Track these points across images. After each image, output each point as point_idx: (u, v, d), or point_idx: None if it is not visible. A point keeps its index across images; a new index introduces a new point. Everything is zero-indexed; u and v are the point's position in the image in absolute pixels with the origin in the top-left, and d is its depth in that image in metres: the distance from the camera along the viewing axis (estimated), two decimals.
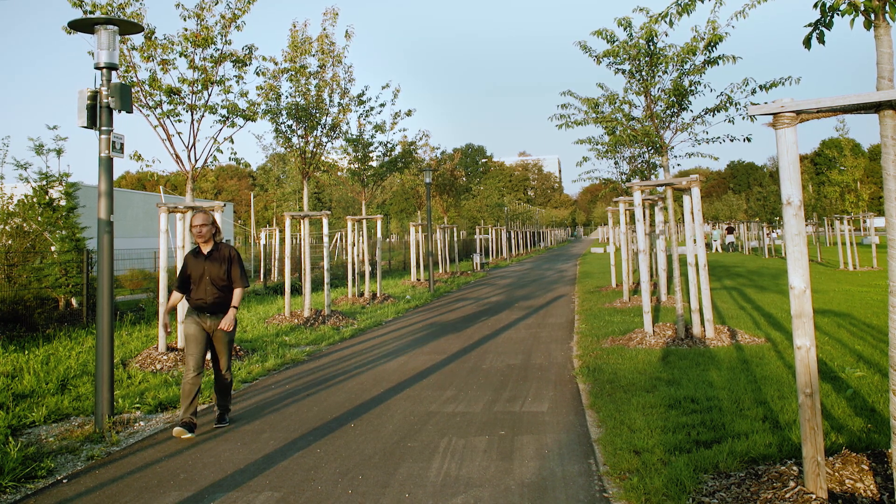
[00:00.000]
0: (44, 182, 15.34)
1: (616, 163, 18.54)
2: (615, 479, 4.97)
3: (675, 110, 11.71)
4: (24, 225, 15.17)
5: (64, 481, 5.36)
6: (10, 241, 15.03)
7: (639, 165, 17.71)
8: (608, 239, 30.81)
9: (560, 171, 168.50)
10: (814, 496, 3.95)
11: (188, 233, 10.49)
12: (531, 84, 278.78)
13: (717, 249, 47.40)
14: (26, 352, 10.60)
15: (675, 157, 21.27)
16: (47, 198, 15.34)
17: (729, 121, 11.59)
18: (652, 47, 11.31)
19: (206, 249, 6.66)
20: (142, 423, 6.97)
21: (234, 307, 6.62)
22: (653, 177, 16.42)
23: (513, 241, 53.20)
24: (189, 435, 6.37)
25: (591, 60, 12.05)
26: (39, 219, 15.18)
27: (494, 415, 6.92)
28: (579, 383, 8.22)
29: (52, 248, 15.05)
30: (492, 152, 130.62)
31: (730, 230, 50.67)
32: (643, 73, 11.63)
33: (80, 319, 14.08)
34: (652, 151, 15.37)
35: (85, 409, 7.45)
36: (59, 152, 15.71)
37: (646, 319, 10.90)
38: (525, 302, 18.25)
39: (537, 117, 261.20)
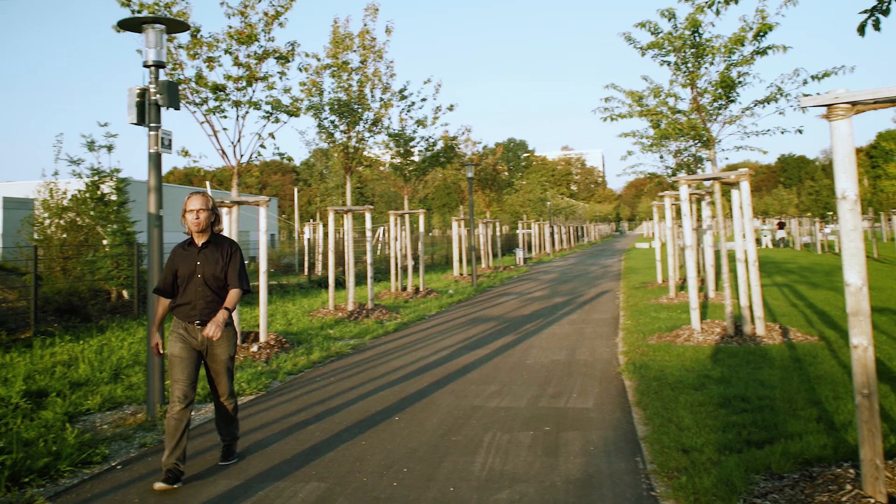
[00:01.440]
0: (96, 177, 15.72)
1: (661, 157, 18.21)
2: (663, 478, 4.89)
3: (723, 102, 11.45)
4: (78, 219, 15.58)
5: (118, 467, 5.50)
6: (64, 235, 15.47)
7: (685, 159, 17.37)
8: (653, 234, 30.39)
9: (604, 165, 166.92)
10: (872, 500, 3.83)
11: (234, 225, 10.63)
12: (574, 77, 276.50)
13: (767, 245, 46.40)
14: (81, 342, 10.89)
15: (723, 150, 20.74)
16: (99, 193, 15.73)
17: (779, 112, 11.30)
18: (697, 38, 11.07)
19: (200, 241, 5.28)
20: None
21: (227, 308, 5.16)
22: (699, 171, 16.12)
23: (556, 236, 52.84)
24: (175, 486, 4.92)
25: (636, 52, 11.87)
26: (92, 213, 15.57)
27: (539, 410, 6.87)
28: (625, 380, 8.12)
29: (104, 242, 15.44)
30: (534, 147, 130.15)
31: (780, 225, 49.54)
32: (689, 65, 11.40)
33: (132, 311, 14.43)
34: (699, 145, 15.06)
35: (137, 397, 7.63)
36: (109, 149, 16.07)
37: (693, 316, 10.71)
38: (569, 297, 18.11)
39: (580, 111, 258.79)
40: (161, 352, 5.30)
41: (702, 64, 11.29)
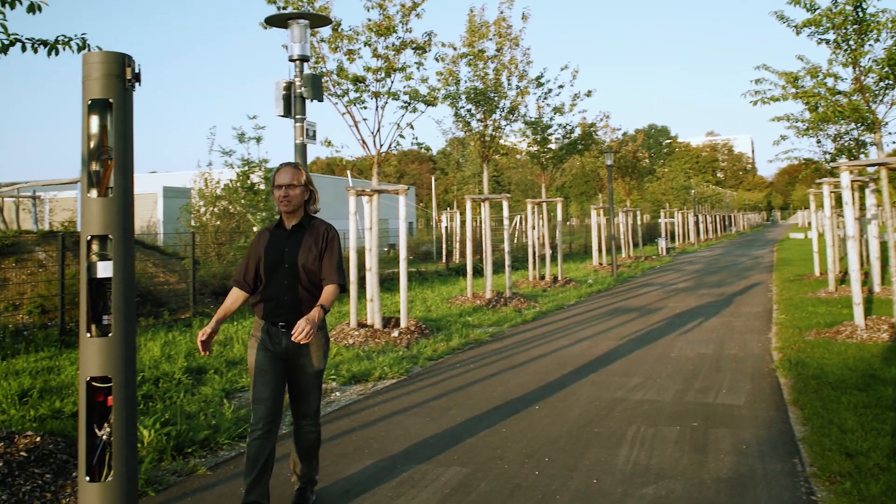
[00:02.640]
0: (246, 167, 16.70)
1: (818, 141, 17.00)
2: (824, 482, 4.56)
3: (891, 82, 10.49)
4: (230, 207, 16.62)
5: None
6: (218, 223, 16.56)
7: (846, 144, 16.13)
8: (809, 224, 28.43)
9: (753, 151, 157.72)
10: None
11: (374, 213, 10.94)
12: (720, 59, 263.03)
13: None
14: (235, 323, 11.61)
15: (890, 133, 19.20)
16: (249, 182, 16.70)
17: None
18: (861, 13, 10.18)
19: (290, 223, 4.28)
20: (337, 394, 7.38)
21: (322, 307, 4.02)
22: (862, 156, 14.90)
23: (701, 225, 50.67)
24: None
25: (789, 31, 11.12)
26: (242, 201, 16.58)
27: (685, 405, 6.60)
28: (780, 377, 7.64)
29: (255, 229, 16.39)
30: (676, 133, 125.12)
31: None
32: (850, 42, 10.51)
33: None
34: (862, 128, 13.93)
35: None
36: (258, 140, 17.03)
37: (856, 311, 9.90)
38: (716, 289, 17.30)
39: (727, 95, 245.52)
40: (208, 350, 3.95)
41: (865, 41, 10.40)
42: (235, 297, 4.28)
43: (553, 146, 20.84)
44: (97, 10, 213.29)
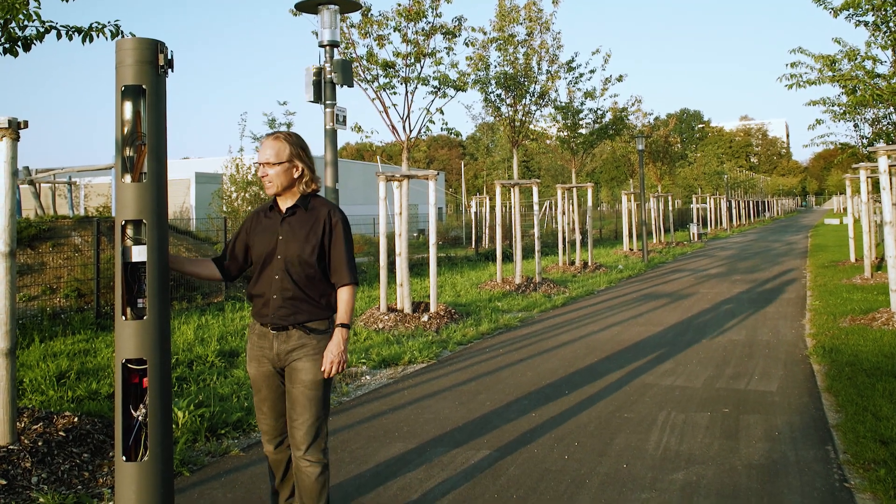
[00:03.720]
0: None
1: (855, 125, 16.66)
2: (858, 469, 4.50)
3: None
4: (261, 192, 16.77)
5: None
6: (249, 208, 16.74)
7: (884, 127, 15.78)
8: (845, 209, 27.88)
9: (788, 135, 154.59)
10: None
11: (404, 199, 10.95)
12: (753, 43, 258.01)
13: None
14: None
15: None
16: None
17: None
18: None
19: (285, 204, 3.47)
20: (367, 378, 7.44)
21: (343, 326, 3.40)
22: None
23: (733, 210, 49.96)
24: None
25: (825, 14, 10.91)
26: None
27: (716, 391, 6.54)
28: (813, 364, 7.53)
29: None
30: (709, 117, 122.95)
31: None
32: (891, 24, 10.25)
33: None
34: None
35: None
36: (289, 126, 17.13)
37: (893, 298, 9.70)
38: (749, 275, 17.07)
39: (761, 78, 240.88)
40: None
41: None
42: (209, 267, 3.55)
43: (583, 131, 20.68)
44: None
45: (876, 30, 10.54)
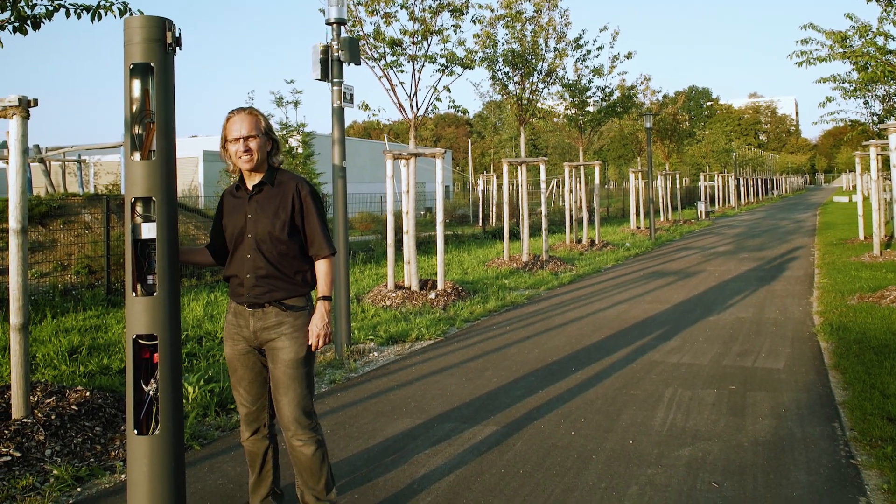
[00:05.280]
0: (284, 131, 16.80)
1: (866, 102, 16.50)
2: (864, 446, 4.52)
3: None
4: None
5: None
6: None
7: (895, 104, 15.63)
8: (854, 187, 27.72)
9: (797, 112, 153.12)
10: None
11: (411, 177, 10.94)
12: (763, 19, 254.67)
13: None
14: None
15: None
16: (287, 146, 16.80)
17: None
18: None
19: (252, 181, 3.44)
20: (375, 354, 7.49)
21: (325, 298, 3.38)
22: None
23: (742, 188, 49.68)
24: None
25: None
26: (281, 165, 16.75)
27: (723, 368, 6.56)
28: (820, 341, 7.54)
29: None
30: (718, 94, 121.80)
31: None
32: None
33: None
34: None
35: None
36: (296, 104, 17.09)
37: None
38: (757, 253, 17.03)
39: (770, 55, 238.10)
40: None
41: None
42: (204, 254, 3.60)
43: (591, 109, 20.53)
44: None
45: (888, 5, 10.40)
